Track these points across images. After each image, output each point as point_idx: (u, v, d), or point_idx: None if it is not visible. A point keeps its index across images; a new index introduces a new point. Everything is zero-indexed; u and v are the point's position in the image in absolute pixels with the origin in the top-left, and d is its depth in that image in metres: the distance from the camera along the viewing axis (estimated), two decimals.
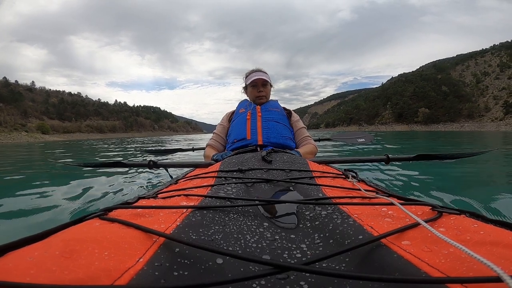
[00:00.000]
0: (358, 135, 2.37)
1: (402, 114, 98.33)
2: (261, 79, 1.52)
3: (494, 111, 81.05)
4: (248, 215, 0.44)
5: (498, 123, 70.92)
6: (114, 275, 0.24)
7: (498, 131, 44.00)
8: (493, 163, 3.37)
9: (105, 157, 5.79)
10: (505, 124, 68.30)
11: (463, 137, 11.80)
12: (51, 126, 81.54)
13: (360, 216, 0.39)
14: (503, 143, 7.59)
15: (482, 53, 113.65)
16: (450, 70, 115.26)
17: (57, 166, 3.40)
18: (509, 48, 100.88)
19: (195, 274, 0.27)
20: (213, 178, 0.68)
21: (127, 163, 1.32)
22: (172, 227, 0.36)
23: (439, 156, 1.23)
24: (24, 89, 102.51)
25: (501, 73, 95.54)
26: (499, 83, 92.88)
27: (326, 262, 0.31)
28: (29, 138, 57.36)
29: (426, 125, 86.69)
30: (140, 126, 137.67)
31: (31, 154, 7.50)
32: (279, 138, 1.32)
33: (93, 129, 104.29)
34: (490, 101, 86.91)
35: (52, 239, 0.30)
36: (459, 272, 0.24)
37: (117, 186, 2.25)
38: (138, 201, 0.50)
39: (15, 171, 3.53)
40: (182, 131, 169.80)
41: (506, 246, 0.27)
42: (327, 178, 0.69)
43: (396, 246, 0.30)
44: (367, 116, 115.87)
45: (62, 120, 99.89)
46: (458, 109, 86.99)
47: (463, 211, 0.39)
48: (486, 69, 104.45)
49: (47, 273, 0.23)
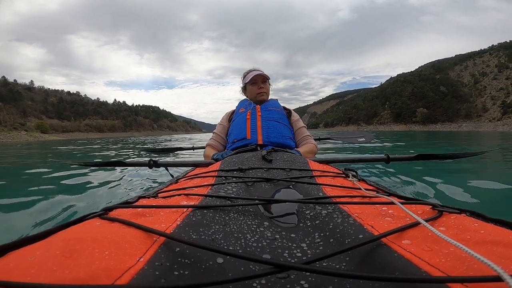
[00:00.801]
0: (358, 134, 2.36)
1: (401, 114, 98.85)
2: (261, 75, 1.53)
3: (492, 111, 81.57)
4: (248, 215, 0.44)
5: (496, 123, 71.38)
6: (115, 275, 0.24)
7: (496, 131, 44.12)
8: (493, 162, 3.41)
9: (108, 156, 5.86)
10: (502, 124, 68.77)
11: (461, 138, 11.82)
12: (50, 125, 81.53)
13: (360, 216, 0.40)
14: (502, 143, 7.66)
15: (481, 54, 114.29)
16: (448, 70, 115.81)
17: (57, 165, 3.39)
18: (507, 49, 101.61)
19: (196, 274, 0.27)
20: (214, 178, 0.68)
21: (127, 163, 1.31)
22: (173, 227, 0.36)
23: (440, 156, 1.23)
24: (23, 88, 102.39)
25: (499, 73, 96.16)
26: (497, 84, 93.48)
27: (327, 261, 0.30)
28: (29, 137, 57.45)
29: (424, 125, 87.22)
30: (139, 126, 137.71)
31: (31, 153, 7.55)
32: (279, 137, 1.32)
33: (92, 128, 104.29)
34: (488, 102, 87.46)
35: (52, 239, 0.30)
36: (460, 271, 0.24)
37: (117, 185, 2.28)
38: (138, 200, 0.50)
39: (15, 171, 3.62)
40: (181, 130, 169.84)
41: (506, 245, 0.27)
42: (327, 177, 0.69)
43: (396, 245, 0.31)
44: (365, 116, 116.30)
45: (61, 120, 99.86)
46: (456, 109, 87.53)
47: (464, 210, 0.39)
48: (484, 69, 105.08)
49: (48, 273, 0.23)
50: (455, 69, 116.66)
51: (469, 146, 6.92)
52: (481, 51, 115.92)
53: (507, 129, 58.71)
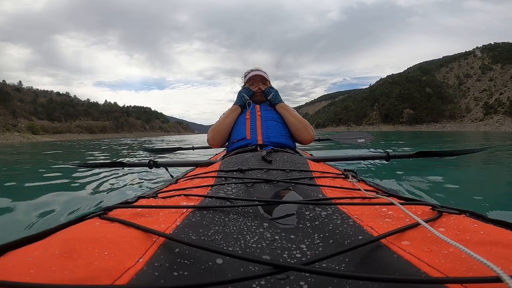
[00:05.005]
0: (357, 135, 2.34)
1: (389, 115, 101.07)
2: (259, 75, 1.53)
3: (475, 112, 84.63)
4: (248, 216, 0.44)
5: (478, 124, 74.13)
6: (114, 275, 0.24)
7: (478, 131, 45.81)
8: (493, 161, 3.43)
9: (108, 157, 5.91)
10: (484, 124, 71.23)
11: (445, 138, 11.84)
12: (41, 127, 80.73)
13: (360, 217, 0.40)
14: (485, 143, 7.80)
15: (466, 55, 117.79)
16: (434, 72, 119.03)
17: (56, 166, 3.38)
18: (491, 51, 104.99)
19: (195, 274, 0.27)
20: (213, 178, 0.68)
21: (127, 163, 1.32)
22: (172, 227, 0.36)
23: (439, 153, 1.22)
24: (11, 89, 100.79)
25: (483, 75, 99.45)
26: (480, 85, 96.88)
27: (326, 262, 0.31)
28: (22, 138, 57.02)
29: (410, 125, 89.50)
30: (131, 127, 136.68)
31: (29, 154, 7.48)
32: (279, 137, 1.31)
33: (83, 129, 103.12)
34: (471, 102, 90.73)
35: (52, 239, 0.30)
36: (459, 272, 0.24)
37: (117, 185, 2.28)
38: (138, 200, 0.51)
39: (15, 171, 3.64)
40: (173, 131, 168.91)
41: (506, 246, 0.27)
42: (327, 178, 0.69)
43: (396, 246, 0.31)
44: (355, 117, 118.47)
45: (51, 121, 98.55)
46: (441, 110, 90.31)
47: (463, 211, 0.39)
48: (468, 71, 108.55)
49: (47, 273, 0.23)
50: (441, 70, 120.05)
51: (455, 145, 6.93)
52: (466, 53, 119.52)
53: (489, 129, 61.09)
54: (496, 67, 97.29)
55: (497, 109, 74.79)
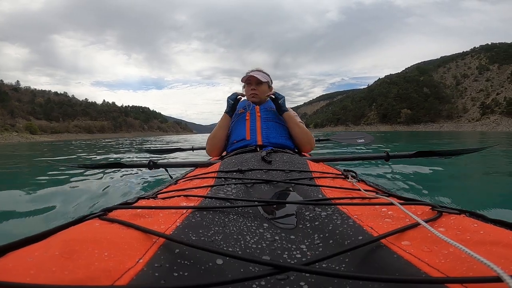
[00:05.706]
0: (357, 135, 2.32)
1: (386, 115, 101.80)
2: (255, 77, 1.45)
3: (471, 112, 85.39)
4: (248, 216, 0.44)
5: (475, 124, 74.87)
6: (114, 276, 0.24)
7: (475, 131, 45.84)
8: (493, 161, 3.44)
9: (107, 157, 5.84)
10: (481, 124, 71.95)
11: (443, 138, 11.72)
12: (39, 127, 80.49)
13: (360, 217, 0.40)
14: (483, 142, 7.81)
15: (463, 56, 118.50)
16: (432, 72, 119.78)
17: (56, 167, 3.36)
18: (488, 51, 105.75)
19: (195, 275, 0.27)
20: (213, 179, 0.68)
21: (126, 164, 1.33)
22: (172, 228, 0.36)
23: (439, 153, 1.23)
24: (9, 88, 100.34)
25: (480, 75, 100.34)
26: (477, 85, 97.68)
27: (326, 262, 0.31)
28: (21, 138, 57.01)
29: (408, 125, 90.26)
30: (129, 127, 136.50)
31: (29, 154, 7.44)
32: (279, 138, 1.32)
33: (82, 129, 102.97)
34: (468, 103, 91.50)
35: (52, 240, 0.30)
36: (459, 272, 0.24)
37: (116, 186, 2.27)
38: (138, 201, 0.50)
39: (14, 172, 3.63)
40: (172, 131, 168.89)
41: (506, 245, 0.27)
42: (326, 178, 0.69)
43: (396, 247, 0.31)
44: (353, 117, 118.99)
45: (49, 121, 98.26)
46: (438, 110, 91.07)
47: (463, 211, 0.39)
48: (465, 71, 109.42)
49: (47, 274, 0.23)
50: (438, 70, 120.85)
51: (453, 146, 6.90)
52: (464, 53, 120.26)
53: (485, 129, 61.60)
54: (493, 67, 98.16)
55: (494, 109, 75.52)
